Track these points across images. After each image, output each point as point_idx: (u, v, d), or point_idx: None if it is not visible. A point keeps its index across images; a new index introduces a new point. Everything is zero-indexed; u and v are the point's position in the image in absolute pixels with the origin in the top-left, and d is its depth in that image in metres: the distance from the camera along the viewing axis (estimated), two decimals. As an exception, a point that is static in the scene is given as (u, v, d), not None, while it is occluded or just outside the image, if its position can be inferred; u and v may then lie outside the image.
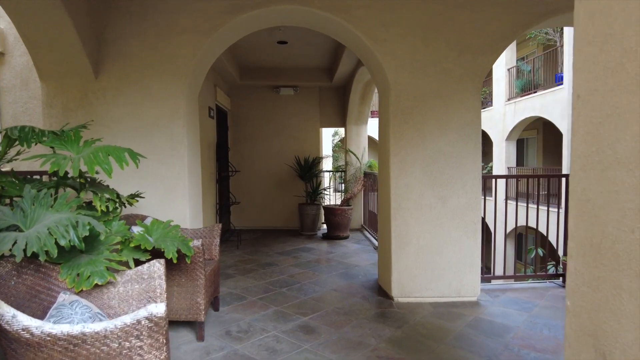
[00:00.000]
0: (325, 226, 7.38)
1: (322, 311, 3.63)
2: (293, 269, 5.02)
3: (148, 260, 2.41)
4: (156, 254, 2.60)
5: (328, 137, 14.18)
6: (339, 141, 17.35)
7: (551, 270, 8.75)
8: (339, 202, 8.02)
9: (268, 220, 7.99)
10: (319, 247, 6.32)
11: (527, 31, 3.98)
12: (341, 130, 17.06)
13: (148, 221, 3.27)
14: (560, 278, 4.41)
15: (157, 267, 2.24)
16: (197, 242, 2.93)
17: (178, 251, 2.67)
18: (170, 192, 3.81)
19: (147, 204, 3.74)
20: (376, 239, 6.44)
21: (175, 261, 2.57)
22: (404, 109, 3.82)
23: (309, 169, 7.46)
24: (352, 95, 7.27)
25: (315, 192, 7.41)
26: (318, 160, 7.78)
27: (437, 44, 3.80)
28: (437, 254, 3.88)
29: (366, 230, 7.52)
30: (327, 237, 7.00)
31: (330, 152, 13.20)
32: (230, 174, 7.22)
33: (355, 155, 7.65)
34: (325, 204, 7.74)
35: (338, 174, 8.76)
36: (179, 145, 3.75)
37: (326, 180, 8.56)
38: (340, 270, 4.99)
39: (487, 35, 3.81)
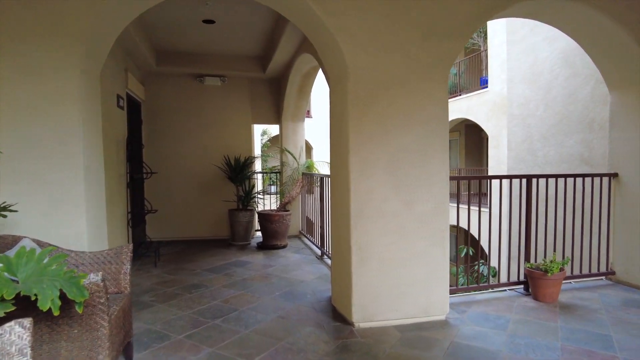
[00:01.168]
0: (259, 234, 6.58)
1: (271, 349, 2.87)
2: (227, 291, 4.17)
3: (11, 316, 1.50)
4: (27, 301, 1.68)
5: (256, 136, 13.31)
6: (268, 141, 16.51)
7: (483, 269, 8.87)
8: (273, 206, 7.25)
9: (192, 229, 6.96)
10: (255, 260, 5.50)
11: (494, 16, 3.59)
12: (271, 129, 16.23)
13: (18, 247, 2.26)
14: (522, 285, 4.12)
15: (16, 333, 1.35)
16: (95, 277, 2.02)
17: (62, 295, 1.76)
18: (60, 202, 2.79)
19: (25, 220, 2.70)
20: (318, 247, 5.80)
21: (56, 312, 1.66)
22: (364, 99, 3.21)
23: (240, 170, 6.59)
24: (289, 88, 6.56)
25: (248, 196, 6.57)
26: (251, 160, 6.94)
27: (402, 24, 3.25)
28: (402, 269, 3.33)
29: (305, 237, 6.85)
30: (262, 247, 6.20)
31: (259, 153, 12.30)
32: (145, 176, 6.11)
33: (292, 154, 6.95)
34: (260, 209, 6.93)
35: (269, 176, 8.01)
36: (70, 139, 2.75)
37: (260, 182, 7.74)
38: (283, 288, 4.25)
39: (454, 17, 3.35)
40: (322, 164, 7.90)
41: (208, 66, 6.52)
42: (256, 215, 6.69)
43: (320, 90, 15.69)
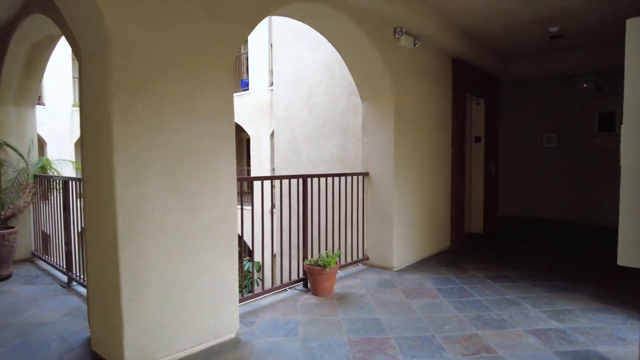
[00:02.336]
0: (-38, 264, 4.61)
1: None
2: None
3: None
4: None
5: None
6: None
7: (247, 265, 9.02)
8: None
9: None
10: (-45, 304, 3.77)
11: (275, 12, 3.49)
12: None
13: None
14: (301, 282, 4.21)
15: None
16: None
17: None
18: None
19: None
20: (62, 272, 4.48)
21: None
22: (136, 80, 2.51)
23: None
24: (10, 61, 4.83)
25: (-62, 211, 4.49)
26: (-58, 157, 4.80)
27: (182, -4, 2.71)
28: (188, 290, 2.80)
29: (41, 259, 5.23)
30: (-32, 281, 4.35)
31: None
32: None
33: (16, 150, 5.18)
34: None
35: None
36: None
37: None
38: (11, 341, 2.98)
39: (240, 2, 3.05)
40: (63, 163, 6.29)
41: None
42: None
43: (52, 70, 12.77)
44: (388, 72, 4.61)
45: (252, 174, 12.17)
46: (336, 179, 4.78)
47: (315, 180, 4.48)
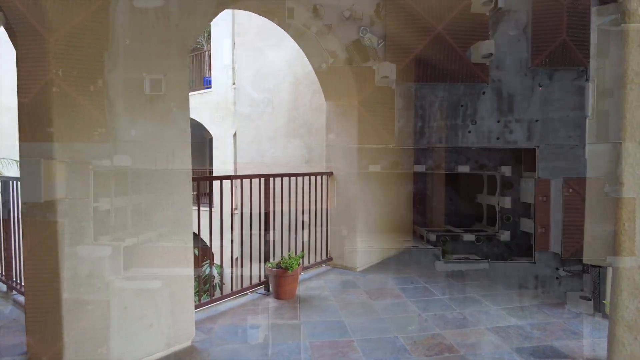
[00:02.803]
0: None
1: None
2: None
3: None
4: None
5: None
6: None
7: (206, 269, 8.72)
8: None
9: None
10: None
11: (234, 5, 3.35)
12: None
13: None
14: (263, 286, 4.08)
15: None
16: None
17: None
18: None
19: None
20: (0, 280, 4.13)
21: None
22: (81, 68, 2.31)
23: None
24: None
25: None
26: None
27: (131, -19, 2.53)
28: (139, 297, 2.61)
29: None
30: None
31: None
32: None
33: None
34: None
35: None
36: None
37: None
38: None
39: (196, -7, 2.89)
40: (7, 162, 5.85)
41: None
42: None
43: None
44: (352, 71, 4.56)
45: (215, 175, 11.86)
46: (300, 178, 4.68)
47: (279, 179, 4.37)
